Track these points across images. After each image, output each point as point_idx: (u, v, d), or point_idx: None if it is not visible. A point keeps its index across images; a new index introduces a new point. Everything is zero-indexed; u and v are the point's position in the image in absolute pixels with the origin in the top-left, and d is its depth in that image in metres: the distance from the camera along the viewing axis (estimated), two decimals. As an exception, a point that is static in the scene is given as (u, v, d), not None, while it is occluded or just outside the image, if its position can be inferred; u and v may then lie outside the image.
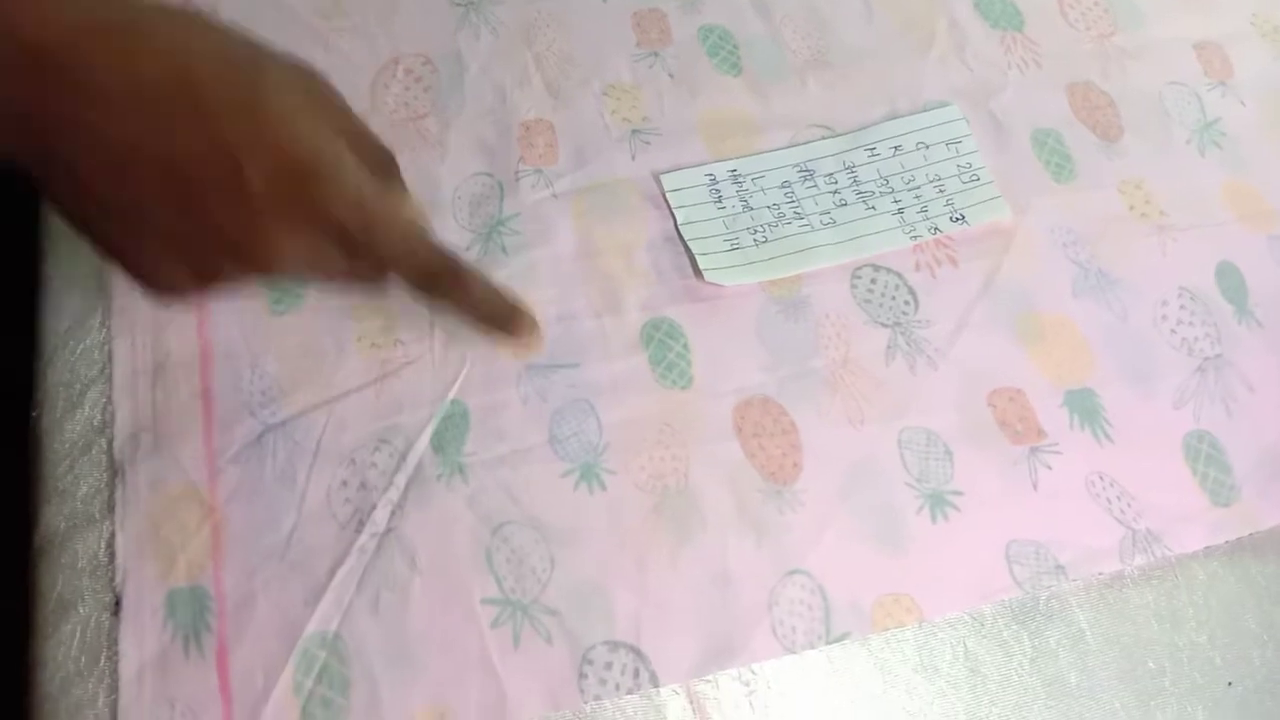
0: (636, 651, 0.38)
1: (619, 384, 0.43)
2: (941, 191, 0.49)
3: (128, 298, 0.42)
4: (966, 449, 0.43)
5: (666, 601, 0.39)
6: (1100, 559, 0.41)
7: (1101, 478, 0.43)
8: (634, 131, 0.49)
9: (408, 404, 0.42)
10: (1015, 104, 0.52)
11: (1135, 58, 0.54)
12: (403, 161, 0.36)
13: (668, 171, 0.48)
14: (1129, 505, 0.43)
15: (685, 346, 0.44)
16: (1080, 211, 0.49)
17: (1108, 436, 0.44)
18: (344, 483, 0.40)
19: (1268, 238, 0.50)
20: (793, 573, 0.40)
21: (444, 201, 0.46)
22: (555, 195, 0.47)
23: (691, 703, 0.38)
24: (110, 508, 0.39)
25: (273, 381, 0.41)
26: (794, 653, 0.39)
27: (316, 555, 0.39)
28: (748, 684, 0.38)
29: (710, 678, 0.38)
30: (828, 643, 0.39)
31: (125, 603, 0.37)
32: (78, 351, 0.42)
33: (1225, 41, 0.56)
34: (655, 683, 0.38)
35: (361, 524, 0.39)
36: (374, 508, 0.39)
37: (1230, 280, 0.49)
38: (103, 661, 0.36)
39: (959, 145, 0.50)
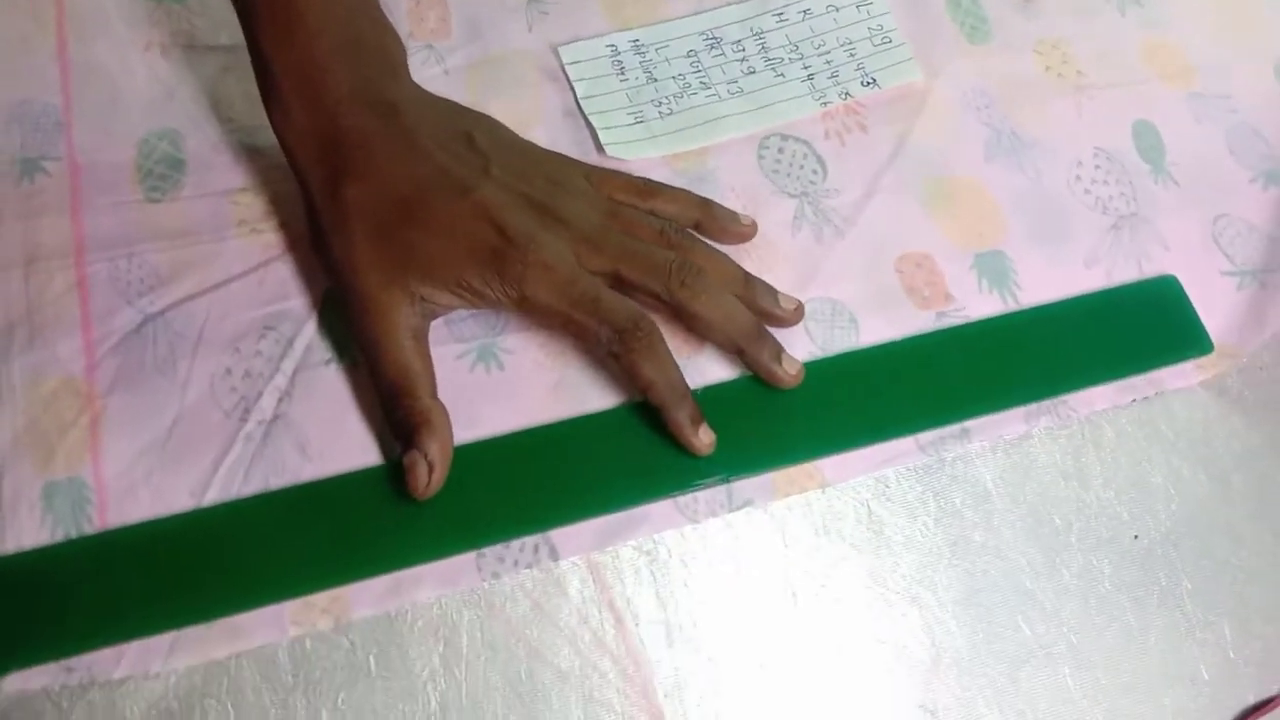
0: (535, 528, 0.38)
1: (516, 262, 0.42)
2: (852, 55, 0.47)
3: (-7, 189, 0.41)
4: (872, 316, 0.42)
5: (566, 477, 0.38)
6: (1006, 422, 0.41)
7: (1010, 340, 0.42)
8: (530, 1, 0.47)
9: (294, 289, 0.40)
10: (930, -36, 0.50)
11: (1056, -87, 0.52)
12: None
13: (567, 43, 0.46)
14: (1037, 366, 0.42)
15: (585, 223, 0.43)
16: (995, 73, 0.48)
17: (1015, 299, 0.43)
18: (228, 371, 0.39)
19: (1187, 95, 0.49)
20: (695, 444, 0.39)
21: (328, 80, 0.44)
22: (447, 71, 0.45)
23: (592, 573, 0.37)
24: (-15, 406, 0.37)
25: (151, 270, 0.40)
26: (696, 523, 0.38)
27: (201, 445, 0.37)
28: (649, 553, 0.38)
29: (610, 548, 0.37)
30: (730, 511, 0.38)
31: (2, 500, 0.36)
32: (-56, 247, 0.40)
33: (1151, -106, 0.54)
34: (555, 557, 0.37)
35: (247, 412, 0.38)
36: (260, 395, 0.38)
37: (1148, 139, 0.47)
38: (-21, 559, 0.35)
39: (870, 7, 0.48)
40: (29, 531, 0.36)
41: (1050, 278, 0.43)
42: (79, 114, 0.42)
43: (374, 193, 0.38)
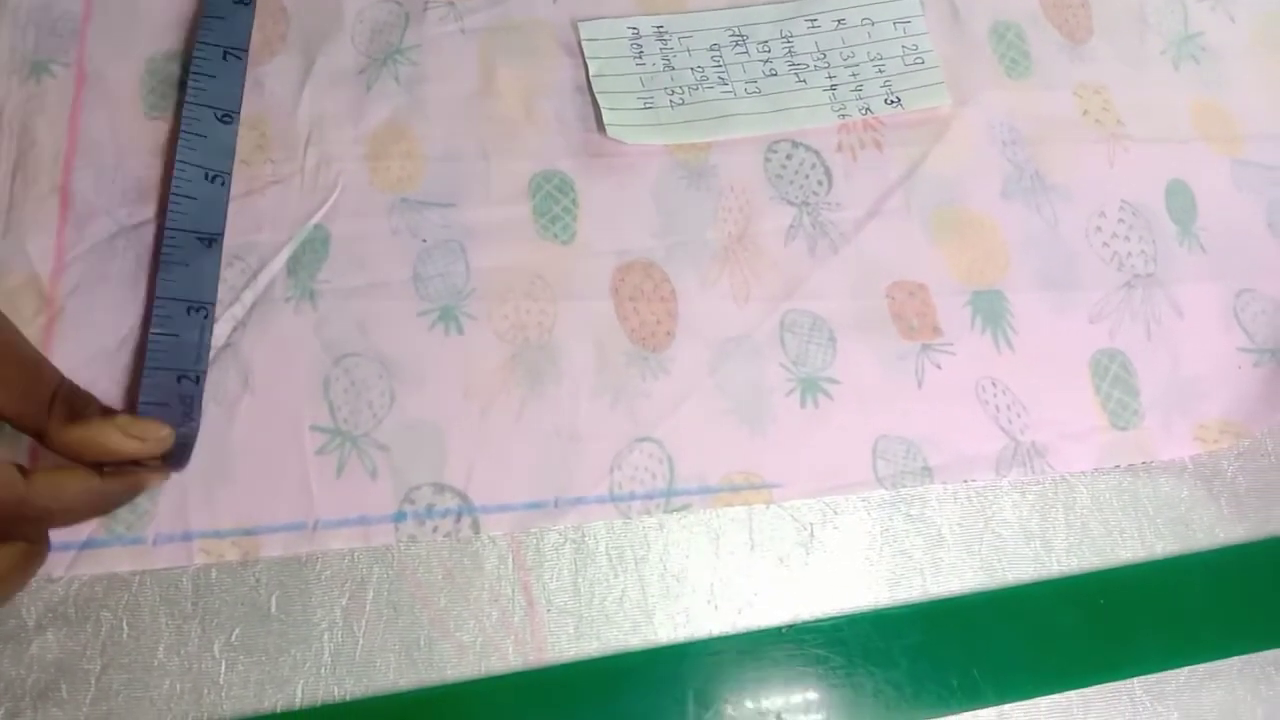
0: (463, 496, 0.36)
1: (496, 230, 0.41)
2: (881, 71, 0.46)
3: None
4: (852, 338, 0.40)
5: (504, 452, 0.37)
6: (974, 466, 0.39)
7: (994, 384, 0.40)
8: (561, -25, 0.46)
9: (268, 224, 0.40)
10: (979, -8, 0.48)
11: (1122, -43, 0.50)
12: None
13: (589, 19, 0.45)
14: (1018, 415, 0.40)
15: (574, 202, 0.42)
16: (1028, 110, 0.46)
17: (1009, 343, 0.41)
18: (189, 293, 0.38)
19: (1232, 161, 0.46)
20: (642, 440, 0.38)
21: (344, 23, 0.43)
22: (464, 31, 0.44)
23: (512, 552, 0.36)
24: (-50, 290, 0.38)
25: (134, 184, 0.40)
26: (628, 519, 0.37)
27: (148, 361, 0.37)
28: (575, 540, 0.36)
29: (535, 529, 0.36)
30: (666, 513, 0.37)
31: (-54, 383, 0.36)
32: (-58, 133, 0.40)
33: (1229, -49, 0.51)
34: (476, 529, 0.36)
35: (200, 336, 0.38)
36: (216, 322, 0.38)
37: (1180, 199, 0.45)
38: (-90, 436, 0.35)
39: (907, 25, 0.47)
40: (-35, 419, 0.36)
41: (1048, 326, 0.41)
42: (95, 25, 0.42)
43: None
